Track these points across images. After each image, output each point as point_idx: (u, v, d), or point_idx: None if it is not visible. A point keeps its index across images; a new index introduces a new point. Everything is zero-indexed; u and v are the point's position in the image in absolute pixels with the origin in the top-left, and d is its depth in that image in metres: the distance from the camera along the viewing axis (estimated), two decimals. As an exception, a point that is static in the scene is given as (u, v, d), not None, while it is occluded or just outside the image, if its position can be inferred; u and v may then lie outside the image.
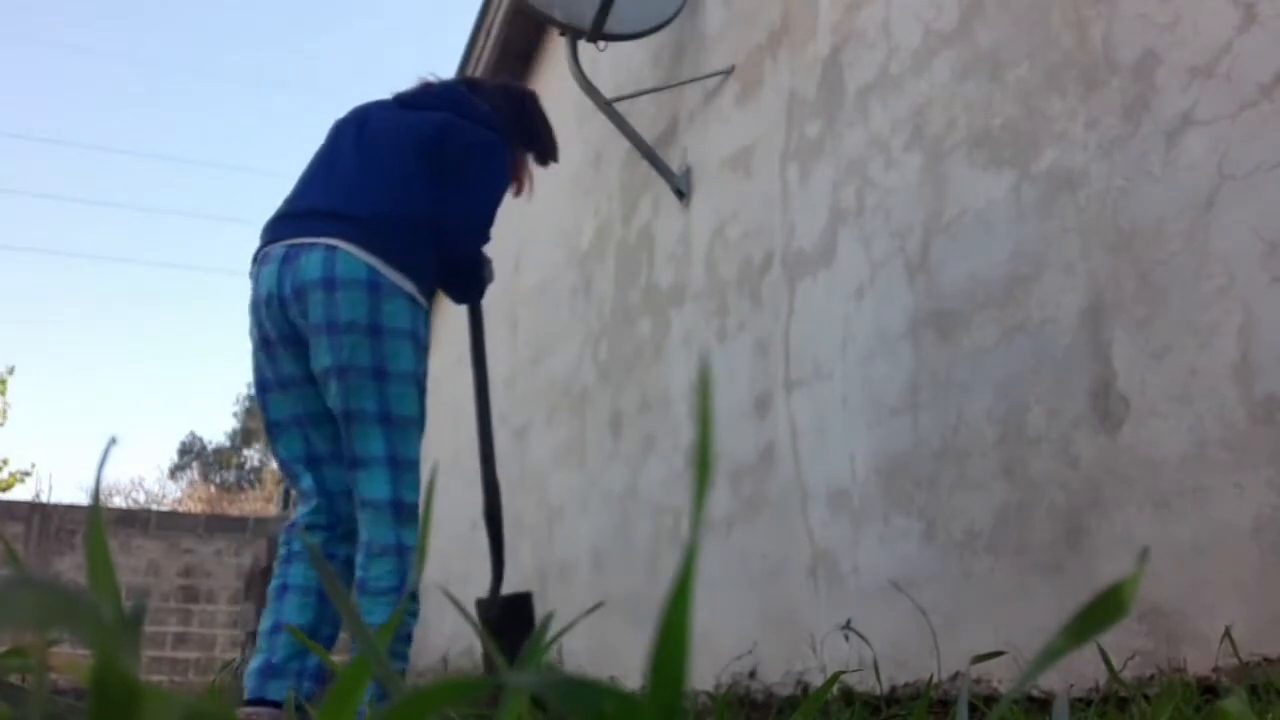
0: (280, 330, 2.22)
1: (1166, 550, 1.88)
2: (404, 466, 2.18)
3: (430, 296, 2.33)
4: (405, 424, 2.17)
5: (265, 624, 2.18)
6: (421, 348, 2.24)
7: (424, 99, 2.53)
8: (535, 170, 2.82)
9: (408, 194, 2.31)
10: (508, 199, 2.56)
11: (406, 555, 2.14)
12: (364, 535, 2.16)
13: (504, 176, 2.50)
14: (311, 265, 2.16)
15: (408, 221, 2.27)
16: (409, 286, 2.21)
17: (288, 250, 2.21)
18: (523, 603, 3.10)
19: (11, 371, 14.55)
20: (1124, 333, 2.04)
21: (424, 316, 2.26)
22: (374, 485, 2.15)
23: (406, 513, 2.16)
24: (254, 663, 2.13)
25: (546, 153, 2.80)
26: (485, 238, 2.46)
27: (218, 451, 27.41)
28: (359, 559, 2.16)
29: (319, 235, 2.19)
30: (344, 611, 0.46)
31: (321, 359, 2.16)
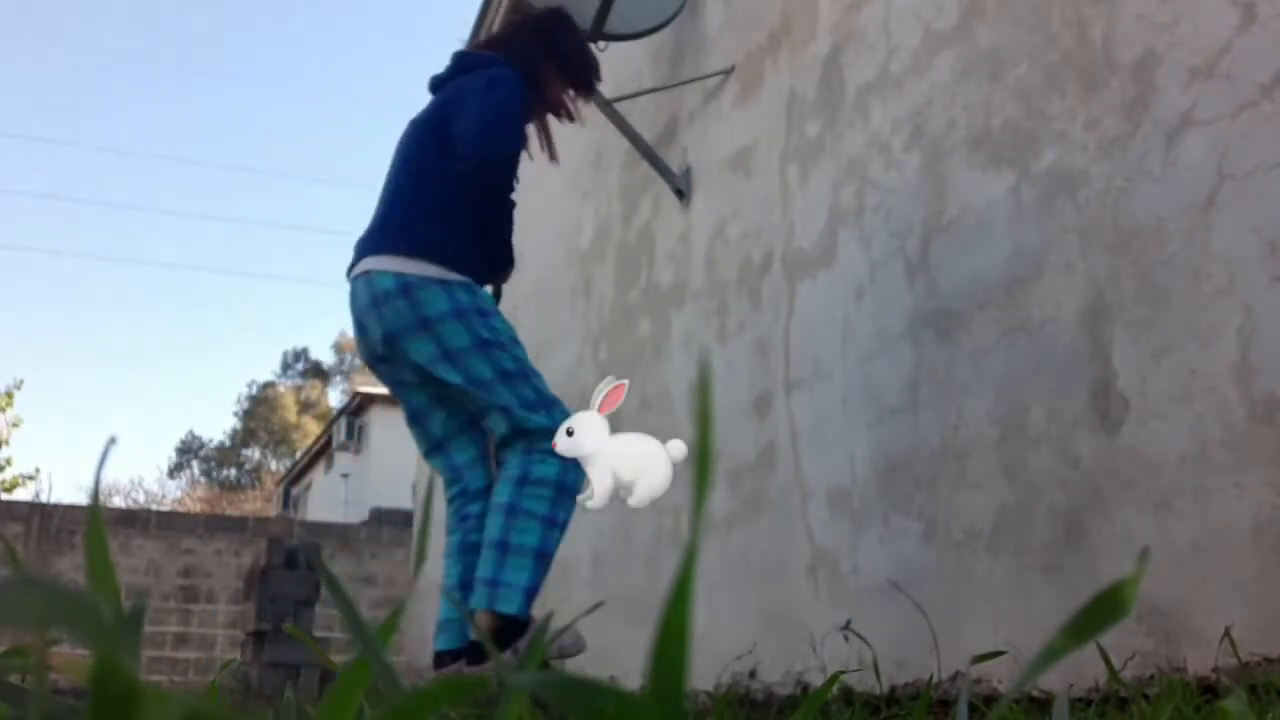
0: (371, 353, 2.50)
1: (1166, 550, 1.88)
2: (506, 409, 2.36)
3: (469, 261, 2.41)
4: (488, 385, 2.36)
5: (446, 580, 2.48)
6: (471, 314, 2.36)
7: (446, 76, 2.62)
8: (558, 125, 2.75)
9: (423, 180, 2.45)
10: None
11: (533, 453, 2.37)
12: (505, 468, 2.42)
13: (507, 91, 2.47)
14: (359, 294, 2.44)
15: (423, 206, 2.43)
16: (434, 271, 2.36)
17: (351, 284, 2.49)
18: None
19: (20, 385, 14.25)
20: (1124, 333, 2.04)
21: (460, 288, 2.37)
22: (497, 426, 2.40)
23: (530, 436, 2.36)
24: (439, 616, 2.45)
25: (577, 70, 2.73)
26: (495, 142, 2.40)
27: (219, 449, 27.41)
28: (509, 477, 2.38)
29: (360, 263, 2.45)
30: (343, 611, 0.46)
31: (412, 361, 2.40)
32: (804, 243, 3.08)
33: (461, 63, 2.62)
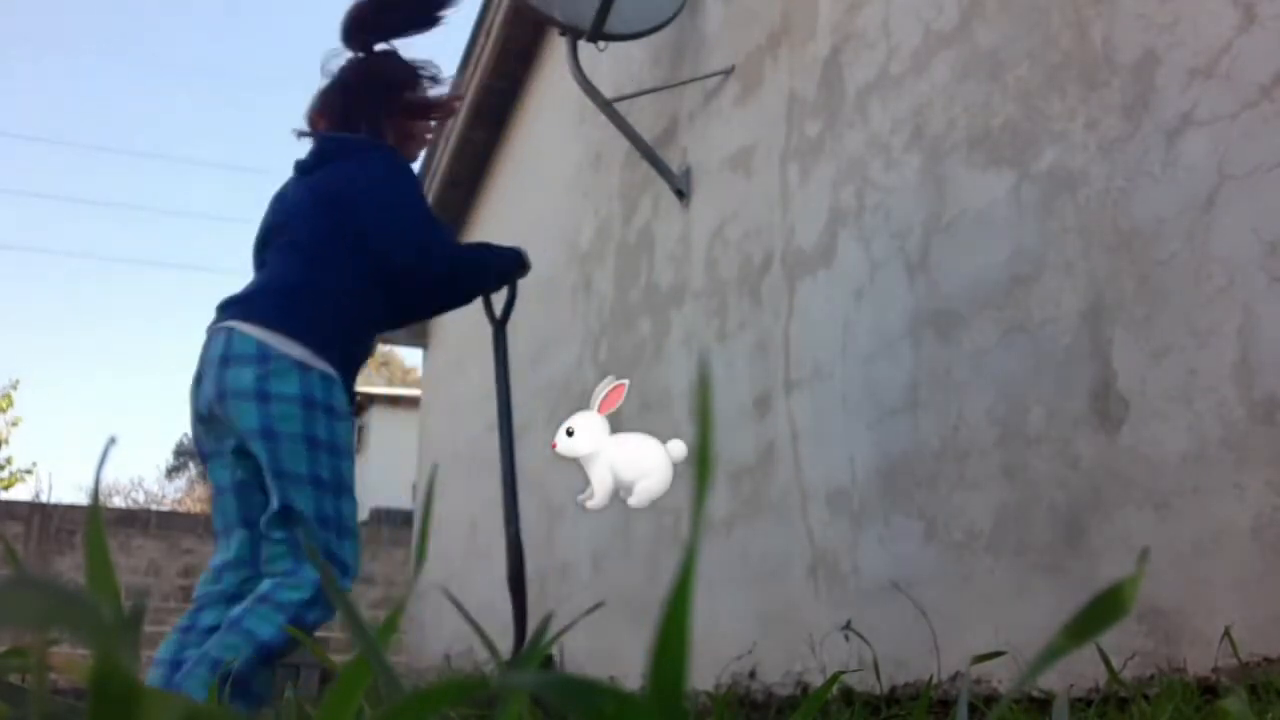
0: (196, 410, 2.34)
1: (1166, 550, 1.88)
2: (296, 518, 2.19)
3: (340, 355, 2.29)
4: (294, 481, 2.20)
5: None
6: (317, 409, 2.22)
7: (314, 158, 2.51)
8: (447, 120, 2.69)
9: (313, 264, 2.34)
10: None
11: (256, 609, 2.13)
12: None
13: (398, 177, 2.42)
14: (212, 346, 2.29)
15: (309, 289, 2.31)
16: (298, 352, 2.23)
17: (209, 335, 2.34)
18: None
19: (16, 385, 14.34)
20: (1124, 333, 2.04)
21: (319, 379, 2.23)
22: (272, 523, 2.22)
23: (272, 554, 2.19)
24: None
25: (427, 104, 2.61)
26: (432, 244, 2.39)
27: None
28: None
29: (226, 320, 2.31)
30: (343, 611, 0.46)
31: (233, 427, 2.25)
32: (804, 243, 3.08)
33: (327, 148, 2.49)
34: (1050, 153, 2.26)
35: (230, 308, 2.33)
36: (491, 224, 5.85)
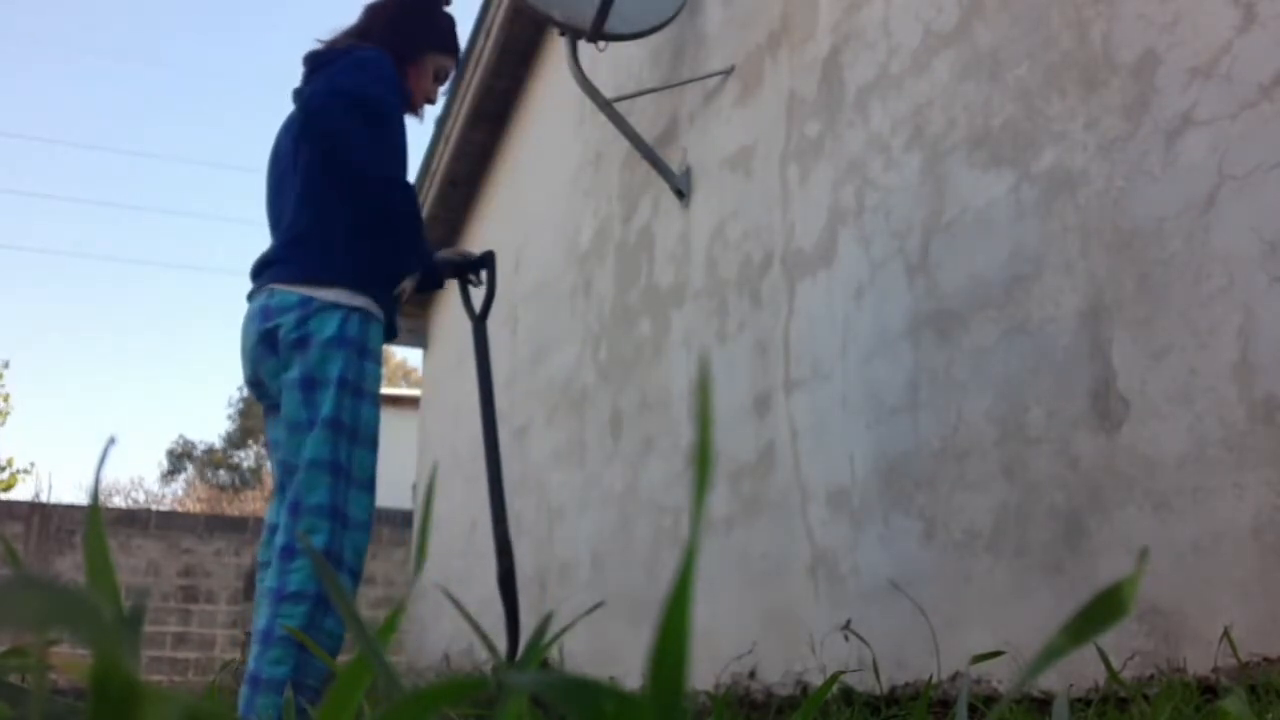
0: (245, 373, 2.41)
1: (1166, 550, 1.88)
2: (312, 468, 2.19)
3: (375, 285, 2.31)
4: (313, 424, 2.22)
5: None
6: (349, 350, 2.24)
7: (302, 80, 2.48)
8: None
9: (311, 201, 2.33)
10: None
11: (293, 559, 2.15)
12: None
13: (364, 88, 2.28)
14: (254, 313, 2.34)
15: (317, 230, 2.32)
16: (333, 295, 2.26)
17: (249, 307, 2.39)
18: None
19: (6, 365, 14.67)
20: (1124, 333, 2.04)
21: (356, 320, 2.25)
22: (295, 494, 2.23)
23: (304, 513, 2.18)
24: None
25: (448, 41, 2.58)
26: (368, 165, 2.25)
27: (208, 452, 27.37)
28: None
29: (261, 285, 2.35)
30: (343, 611, 0.46)
31: (271, 378, 2.31)
32: (804, 243, 3.08)
33: (316, 62, 2.44)
34: (1050, 153, 2.26)
35: (263, 273, 2.35)
36: (491, 224, 5.85)
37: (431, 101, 2.63)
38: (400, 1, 2.54)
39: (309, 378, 2.22)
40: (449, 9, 2.65)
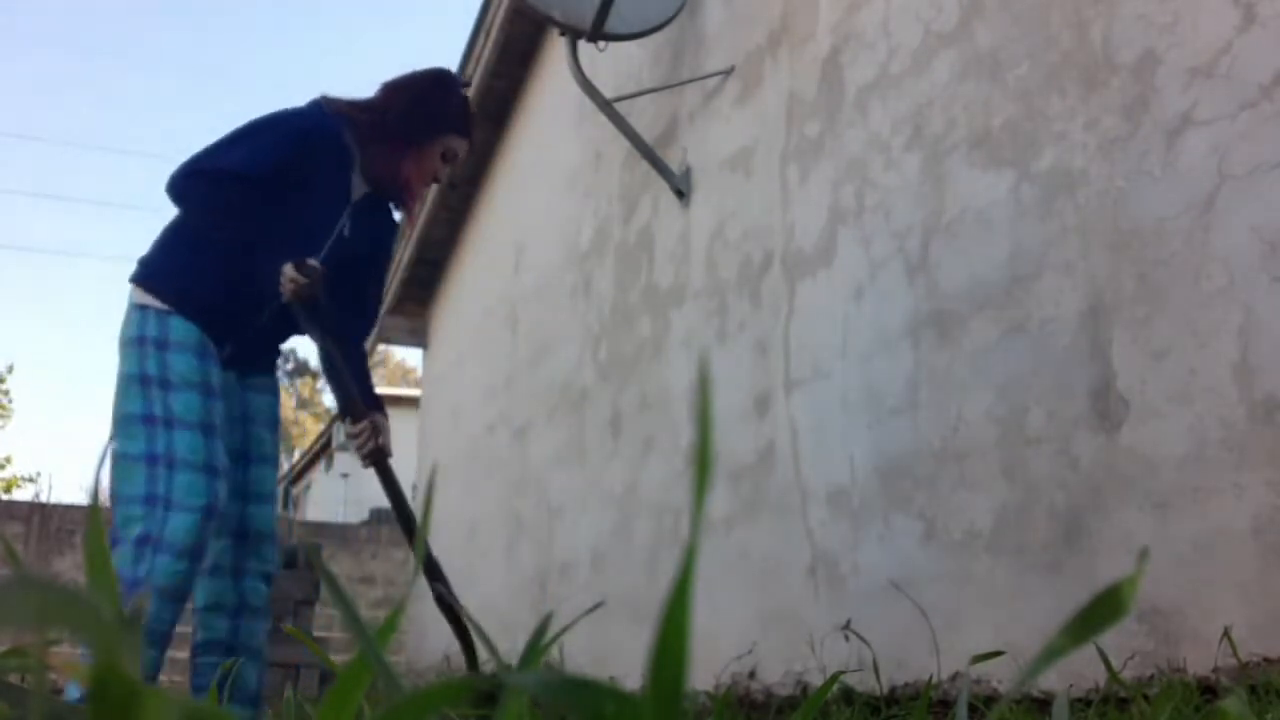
0: None
1: (1166, 550, 1.88)
2: (125, 460, 2.27)
3: (185, 280, 2.34)
4: (124, 420, 2.29)
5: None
6: (149, 345, 2.30)
7: None
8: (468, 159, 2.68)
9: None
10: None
11: (116, 547, 2.24)
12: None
13: (258, 119, 2.37)
14: None
15: (159, 242, 2.43)
16: (137, 297, 2.36)
17: None
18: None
19: (10, 370, 14.64)
20: (1124, 333, 2.04)
21: (153, 317, 2.32)
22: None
23: (120, 503, 2.27)
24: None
25: (459, 125, 2.57)
26: (196, 161, 2.33)
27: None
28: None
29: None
30: (343, 611, 0.46)
31: None
32: (804, 243, 3.08)
33: None
34: (1050, 153, 2.26)
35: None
36: (491, 224, 5.85)
37: (437, 181, 2.66)
38: (419, 87, 2.54)
39: (122, 375, 2.33)
40: (466, 91, 2.67)
